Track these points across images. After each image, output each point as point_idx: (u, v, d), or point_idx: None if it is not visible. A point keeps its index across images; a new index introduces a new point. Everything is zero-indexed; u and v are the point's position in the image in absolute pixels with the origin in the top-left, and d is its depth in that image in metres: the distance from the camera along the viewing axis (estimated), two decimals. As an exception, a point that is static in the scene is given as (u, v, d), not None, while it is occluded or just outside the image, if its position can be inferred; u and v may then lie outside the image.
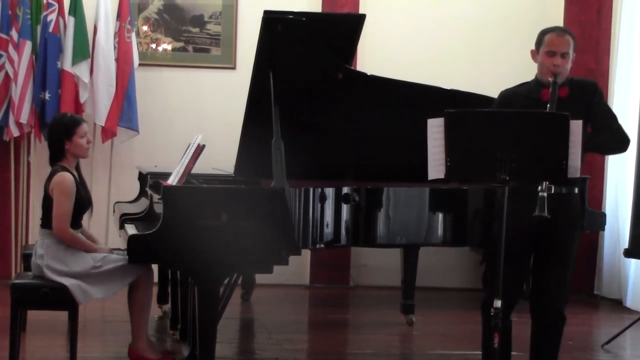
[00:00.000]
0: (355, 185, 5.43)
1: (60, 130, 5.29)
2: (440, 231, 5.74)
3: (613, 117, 4.75)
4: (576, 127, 4.13)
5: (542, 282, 4.64)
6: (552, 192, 4.43)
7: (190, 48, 8.35)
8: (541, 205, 4.26)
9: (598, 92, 4.73)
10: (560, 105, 4.48)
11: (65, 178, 5.19)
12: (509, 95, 4.80)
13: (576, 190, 4.66)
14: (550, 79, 4.55)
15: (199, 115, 8.28)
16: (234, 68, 8.34)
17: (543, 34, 4.69)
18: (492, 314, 4.23)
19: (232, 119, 6.77)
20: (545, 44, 4.63)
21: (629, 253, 6.96)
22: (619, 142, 4.71)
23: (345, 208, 5.31)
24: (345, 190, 5.33)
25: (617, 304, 8.10)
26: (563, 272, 4.65)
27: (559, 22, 8.53)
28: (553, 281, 4.61)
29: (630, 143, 4.86)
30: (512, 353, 4.81)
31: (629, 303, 7.96)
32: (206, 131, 6.59)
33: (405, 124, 5.59)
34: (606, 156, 8.32)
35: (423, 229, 5.71)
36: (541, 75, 4.65)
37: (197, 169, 5.57)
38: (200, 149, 5.35)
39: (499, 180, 4.20)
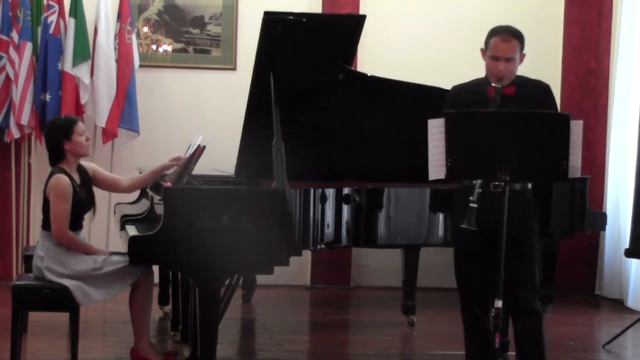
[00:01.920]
0: (356, 185, 5.43)
1: (58, 131, 5.28)
2: (441, 231, 5.74)
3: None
4: (577, 127, 4.13)
5: (508, 281, 4.58)
6: (500, 189, 4.38)
7: (190, 49, 8.35)
8: (470, 217, 4.25)
9: (550, 96, 4.67)
10: (505, 103, 4.49)
11: (60, 181, 5.18)
12: (458, 90, 4.81)
13: (529, 186, 4.63)
14: (494, 85, 4.53)
15: (199, 116, 8.28)
16: (234, 69, 8.34)
17: (490, 35, 4.65)
18: (493, 314, 4.23)
19: (232, 119, 6.77)
20: (490, 47, 4.61)
21: (630, 253, 6.94)
22: None
23: (345, 208, 5.32)
24: (345, 190, 5.34)
25: (618, 304, 8.09)
26: (527, 268, 4.60)
27: (559, 22, 8.54)
28: (518, 279, 4.54)
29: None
30: (509, 353, 4.80)
31: (630, 303, 7.95)
32: (207, 132, 6.59)
33: (406, 124, 5.58)
34: (607, 155, 8.33)
35: (424, 230, 5.71)
36: (488, 76, 4.63)
37: (198, 169, 5.57)
38: (200, 150, 5.35)
39: (500, 181, 4.20)
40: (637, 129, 7.14)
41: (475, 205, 4.25)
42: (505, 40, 4.59)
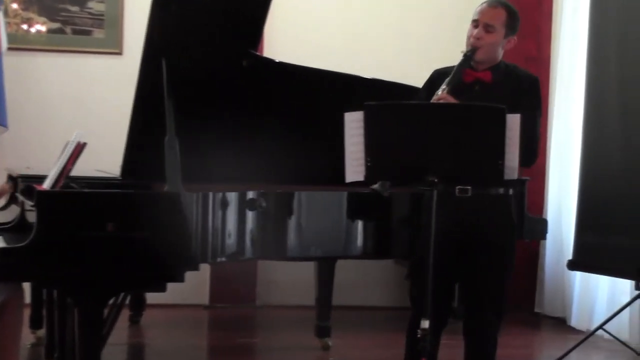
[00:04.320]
0: (262, 189, 5.43)
1: None
2: (360, 241, 5.77)
3: (534, 125, 4.67)
4: (513, 121, 4.17)
5: (471, 298, 4.65)
6: (469, 194, 4.46)
7: (68, 30, 8.26)
8: (382, 185, 4.42)
9: (534, 90, 4.74)
10: (480, 91, 4.56)
11: None
12: (437, 74, 4.86)
13: (511, 191, 4.69)
14: (463, 52, 4.61)
15: (80, 108, 8.21)
16: (120, 53, 8.29)
17: (481, 3, 4.77)
18: (419, 335, 4.25)
19: (118, 112, 6.70)
20: (475, 12, 4.74)
21: (574, 265, 7.07)
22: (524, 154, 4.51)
23: (250, 215, 5.31)
24: (250, 195, 5.33)
25: (561, 323, 8.22)
26: (495, 289, 4.67)
27: (494, 3, 8.65)
28: (483, 299, 4.64)
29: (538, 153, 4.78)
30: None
31: (574, 322, 8.08)
32: (88, 127, 6.55)
33: (320, 118, 5.61)
34: (548, 154, 8.45)
35: (340, 239, 5.73)
36: (466, 45, 4.72)
37: (78, 170, 5.51)
38: (80, 147, 5.30)
39: (427, 183, 4.23)
40: (581, 124, 7.24)
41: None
42: (491, 6, 4.71)
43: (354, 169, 4.31)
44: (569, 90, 8.23)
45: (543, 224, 7.54)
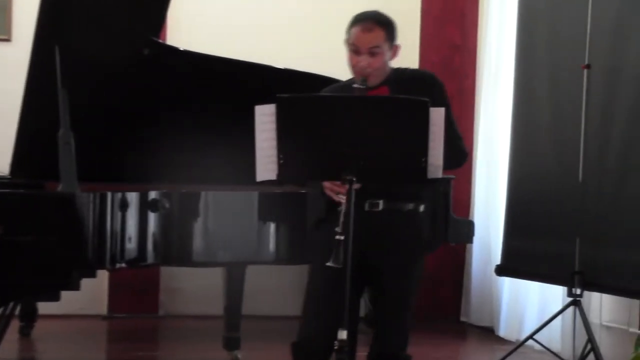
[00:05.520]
0: (166, 189, 5.41)
1: None
2: (272, 246, 5.78)
3: (451, 122, 4.62)
4: (437, 115, 4.18)
5: (376, 322, 4.68)
6: (380, 208, 4.49)
7: (-49, 14, 8.17)
8: (337, 253, 4.11)
9: (437, 87, 4.71)
10: None
11: None
12: (332, 90, 4.80)
13: (422, 208, 4.68)
14: (356, 85, 4.53)
15: (-37, 99, 8.11)
16: (9, 40, 8.21)
17: (351, 23, 4.62)
18: (336, 347, 4.24)
19: (7, 104, 6.65)
20: (350, 37, 4.59)
21: (502, 270, 7.11)
22: (454, 156, 4.55)
23: (152, 217, 5.30)
24: (152, 195, 5.31)
25: (488, 333, 8.27)
26: (399, 307, 4.68)
27: (415, -11, 8.72)
28: (386, 319, 4.65)
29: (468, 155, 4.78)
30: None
31: (502, 332, 8.13)
32: (-27, 120, 6.46)
33: (228, 112, 5.60)
34: (475, 151, 8.50)
35: (251, 243, 5.74)
36: (352, 73, 4.62)
37: (-38, 168, 5.46)
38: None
39: (344, 181, 4.22)
40: (510, 118, 7.28)
41: (342, 238, 4.14)
42: (367, 30, 4.58)
43: (266, 166, 4.29)
44: (497, 81, 8.27)
45: (469, 226, 7.59)
